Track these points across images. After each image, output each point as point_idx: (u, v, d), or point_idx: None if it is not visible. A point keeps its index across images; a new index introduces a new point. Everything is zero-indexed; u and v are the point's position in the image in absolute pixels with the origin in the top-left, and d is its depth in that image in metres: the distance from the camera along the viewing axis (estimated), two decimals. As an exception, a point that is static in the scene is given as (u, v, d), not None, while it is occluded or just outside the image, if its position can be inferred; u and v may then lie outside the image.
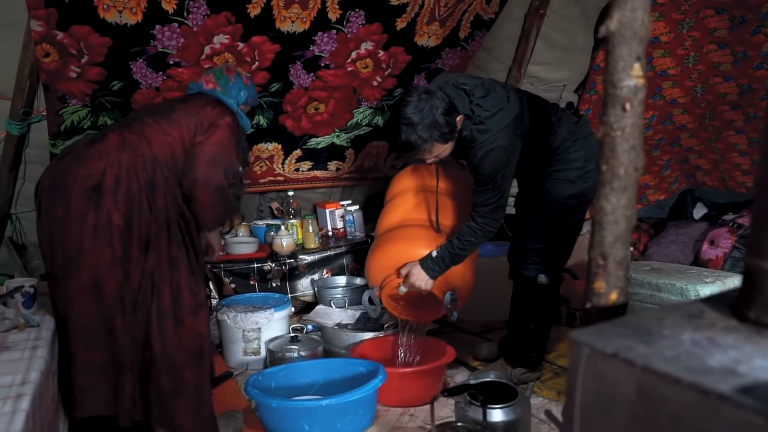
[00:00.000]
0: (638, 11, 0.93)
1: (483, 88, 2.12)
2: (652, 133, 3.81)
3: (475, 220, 2.19)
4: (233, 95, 2.13)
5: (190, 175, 1.89)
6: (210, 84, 2.11)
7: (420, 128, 1.99)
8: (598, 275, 1.00)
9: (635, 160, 0.96)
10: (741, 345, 0.74)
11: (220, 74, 2.14)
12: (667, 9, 3.01)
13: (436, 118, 1.99)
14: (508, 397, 1.78)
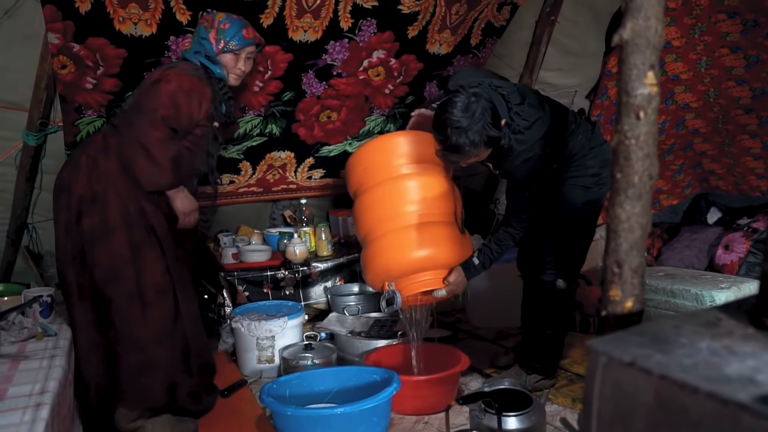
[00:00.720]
0: (652, 20, 0.93)
1: (519, 93, 2.12)
2: (664, 138, 3.80)
3: (513, 225, 2.27)
4: (194, 49, 2.15)
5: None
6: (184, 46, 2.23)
7: (471, 133, 1.97)
8: (614, 283, 1.00)
9: (649, 168, 0.96)
10: (759, 353, 0.74)
11: (197, 30, 2.18)
12: (679, 14, 3.00)
13: (485, 123, 1.98)
14: (523, 404, 1.77)
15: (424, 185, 2.26)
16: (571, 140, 2.20)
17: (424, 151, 2.26)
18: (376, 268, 2.28)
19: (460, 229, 2.34)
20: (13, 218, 2.85)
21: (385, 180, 2.28)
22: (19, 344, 1.70)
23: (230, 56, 2.17)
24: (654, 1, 0.92)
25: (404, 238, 2.23)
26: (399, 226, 2.24)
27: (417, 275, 2.25)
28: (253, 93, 2.76)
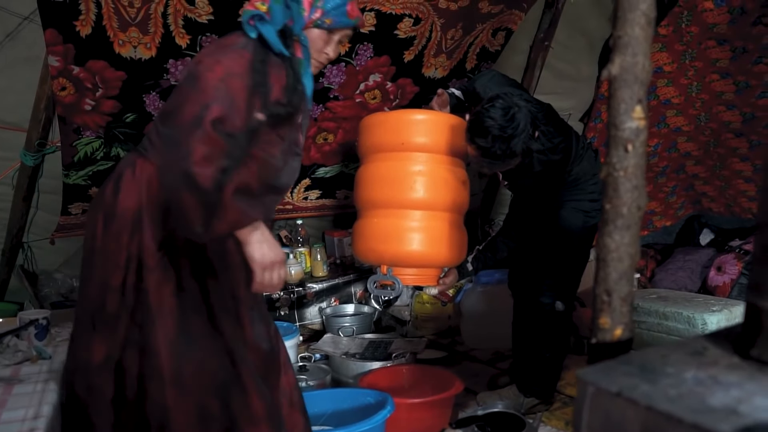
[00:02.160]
0: (639, 56, 0.96)
1: (545, 113, 2.12)
2: (657, 161, 3.84)
3: (511, 237, 2.38)
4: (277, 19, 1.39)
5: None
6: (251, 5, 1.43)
7: (513, 142, 1.94)
8: (603, 311, 1.02)
9: (638, 199, 0.99)
10: (743, 383, 0.76)
11: None
12: (670, 40, 3.05)
13: (528, 134, 1.96)
14: (516, 427, 1.78)
15: (434, 174, 2.16)
16: (577, 165, 2.23)
17: (444, 137, 2.17)
18: (370, 248, 2.22)
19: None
20: (9, 237, 2.86)
21: (396, 158, 2.18)
22: (13, 367, 1.69)
23: (320, 34, 1.50)
24: (641, 39, 0.96)
25: (407, 229, 2.16)
26: (403, 213, 2.16)
27: (413, 270, 2.25)
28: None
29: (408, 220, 2.16)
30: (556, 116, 2.23)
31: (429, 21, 2.68)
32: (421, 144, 2.16)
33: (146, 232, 1.40)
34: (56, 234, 2.83)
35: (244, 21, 1.42)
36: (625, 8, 0.95)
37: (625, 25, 0.95)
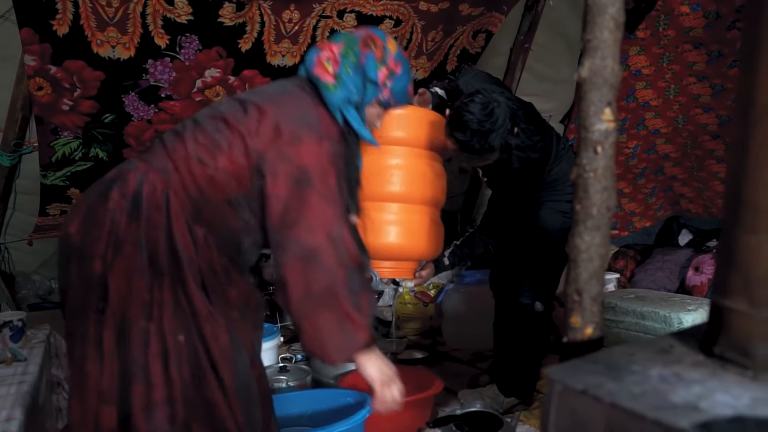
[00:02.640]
0: (608, 59, 0.98)
1: (525, 111, 2.15)
2: (636, 162, 3.89)
3: (489, 233, 2.40)
4: (345, 90, 1.34)
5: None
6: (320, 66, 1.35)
7: (491, 137, 1.95)
8: (574, 311, 1.03)
9: (608, 200, 1.01)
10: (705, 380, 0.78)
11: (351, 46, 1.37)
12: (648, 43, 3.09)
13: (506, 129, 1.98)
14: (494, 427, 1.79)
15: (412, 167, 2.14)
16: (557, 165, 2.26)
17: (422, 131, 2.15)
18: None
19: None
20: (-14, 239, 2.83)
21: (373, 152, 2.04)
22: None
23: (379, 111, 1.46)
24: (610, 42, 0.97)
25: (384, 222, 2.13)
26: (380, 206, 2.13)
27: (389, 263, 2.25)
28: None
29: (385, 212, 2.14)
30: (536, 115, 2.25)
31: (410, 23, 2.70)
32: (399, 138, 2.15)
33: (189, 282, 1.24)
34: (34, 235, 2.80)
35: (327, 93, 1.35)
36: (594, 12, 0.97)
37: (594, 29, 0.97)
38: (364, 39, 1.39)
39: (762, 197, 0.77)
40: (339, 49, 1.37)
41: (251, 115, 1.29)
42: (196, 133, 1.30)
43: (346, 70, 1.35)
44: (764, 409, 0.69)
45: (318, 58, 1.37)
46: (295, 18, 2.51)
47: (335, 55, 1.37)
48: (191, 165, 1.26)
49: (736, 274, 0.81)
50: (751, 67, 0.78)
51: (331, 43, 1.39)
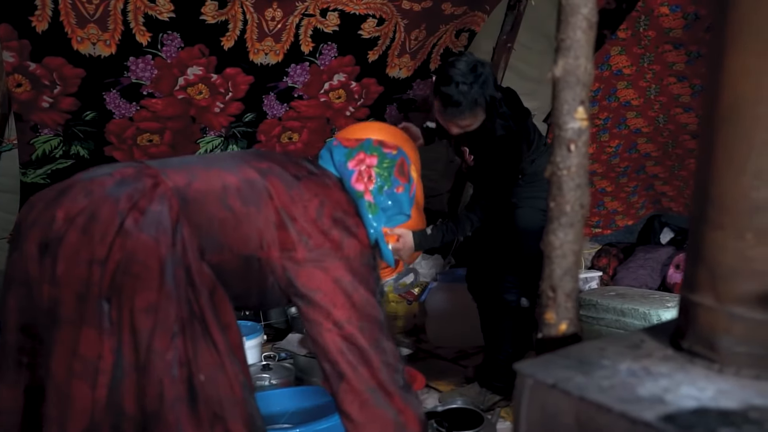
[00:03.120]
0: (581, 59, 0.99)
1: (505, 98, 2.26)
2: (618, 161, 3.92)
3: (476, 212, 2.22)
4: (382, 215, 1.47)
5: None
6: (360, 182, 1.46)
7: (474, 90, 2.03)
8: (549, 307, 1.05)
9: (581, 198, 1.02)
10: (673, 374, 0.79)
11: (387, 169, 1.49)
12: (629, 44, 3.13)
13: (490, 85, 2.07)
14: (474, 423, 1.81)
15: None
16: (539, 158, 2.29)
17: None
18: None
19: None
20: (-36, 237, 2.79)
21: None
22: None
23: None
24: (583, 42, 0.99)
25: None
26: None
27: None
28: (214, 114, 2.77)
29: None
30: (518, 103, 2.31)
31: (393, 21, 2.70)
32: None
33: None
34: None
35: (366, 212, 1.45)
36: (567, 12, 0.98)
37: (567, 29, 0.98)
38: (399, 166, 1.52)
39: (727, 195, 0.79)
40: (374, 165, 1.48)
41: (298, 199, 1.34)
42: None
43: (380, 188, 1.48)
44: (727, 400, 0.71)
45: (358, 172, 1.46)
46: (278, 16, 2.51)
47: (370, 170, 1.47)
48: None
49: (703, 270, 0.83)
50: (716, 68, 0.80)
51: (366, 153, 1.48)
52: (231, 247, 1.29)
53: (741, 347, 0.79)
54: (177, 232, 1.20)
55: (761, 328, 0.77)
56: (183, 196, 1.24)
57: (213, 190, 1.28)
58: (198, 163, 1.37)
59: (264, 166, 1.36)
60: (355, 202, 1.45)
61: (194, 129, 2.80)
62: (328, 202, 1.37)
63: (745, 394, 0.73)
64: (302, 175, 1.39)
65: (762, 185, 0.76)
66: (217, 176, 1.31)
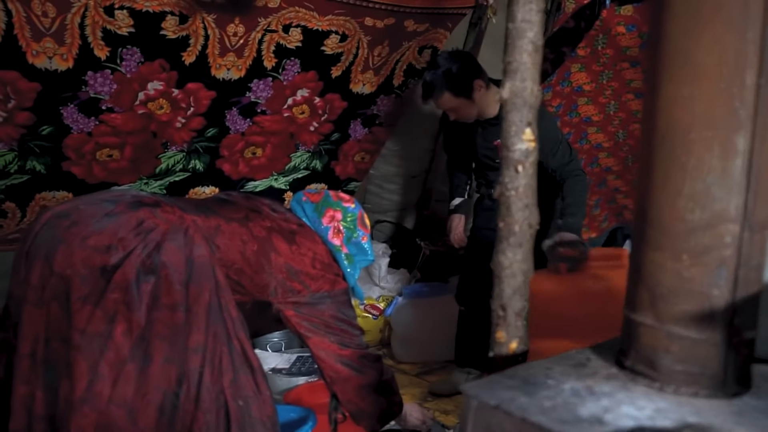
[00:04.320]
0: (528, 81, 1.01)
1: None
2: (580, 176, 3.99)
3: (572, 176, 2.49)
4: (356, 264, 1.75)
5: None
6: (332, 225, 1.71)
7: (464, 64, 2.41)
8: (499, 326, 1.06)
9: (529, 217, 1.04)
10: (615, 393, 0.81)
11: (351, 222, 1.74)
12: (588, 61, 3.20)
13: (451, 67, 2.37)
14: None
15: None
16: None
17: None
18: None
19: None
20: None
21: None
22: None
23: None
24: (529, 65, 1.01)
25: None
26: None
27: None
28: (175, 129, 2.74)
29: None
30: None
31: (356, 38, 2.72)
32: None
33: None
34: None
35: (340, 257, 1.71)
36: (513, 36, 1.00)
37: (514, 52, 1.00)
38: (361, 217, 1.77)
39: (664, 217, 0.81)
40: (340, 217, 1.72)
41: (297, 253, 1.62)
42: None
43: (348, 239, 1.72)
44: (663, 419, 0.72)
45: (332, 229, 1.70)
46: (240, 32, 2.50)
47: (338, 223, 1.71)
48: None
49: (643, 290, 0.85)
50: (651, 95, 0.83)
51: (333, 210, 1.72)
52: (250, 292, 1.53)
53: (679, 365, 0.80)
54: (215, 275, 1.41)
55: (697, 347, 0.79)
56: (211, 241, 1.45)
57: (234, 242, 1.50)
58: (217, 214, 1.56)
59: (267, 224, 1.60)
60: (333, 253, 1.70)
61: (155, 144, 2.76)
62: (317, 254, 1.65)
63: (681, 412, 0.74)
64: (295, 230, 1.65)
65: (696, 207, 0.78)
66: (237, 230, 1.53)
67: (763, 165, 0.76)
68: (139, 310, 1.27)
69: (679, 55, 0.78)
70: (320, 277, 1.63)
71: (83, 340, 1.24)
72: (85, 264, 1.26)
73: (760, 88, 0.74)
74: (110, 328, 1.25)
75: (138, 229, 1.34)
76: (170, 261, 1.34)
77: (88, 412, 1.23)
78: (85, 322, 1.24)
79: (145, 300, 1.28)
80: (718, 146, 0.76)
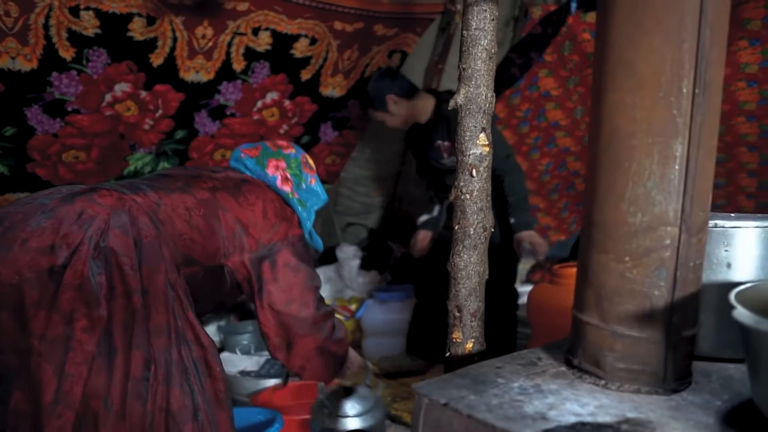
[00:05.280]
0: (482, 87, 1.04)
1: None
2: (549, 179, 4.06)
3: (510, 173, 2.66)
4: (309, 207, 1.70)
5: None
6: (278, 176, 1.65)
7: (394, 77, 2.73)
8: (455, 326, 1.08)
9: (484, 221, 1.06)
10: (561, 391, 0.83)
11: (297, 168, 1.71)
12: (555, 66, 3.25)
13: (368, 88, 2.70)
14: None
15: None
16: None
17: None
18: None
19: None
20: None
21: None
22: None
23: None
24: (483, 71, 1.03)
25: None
26: None
27: None
28: (143, 131, 2.72)
29: None
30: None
31: (325, 42, 2.73)
32: None
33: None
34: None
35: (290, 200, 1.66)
36: (468, 43, 1.03)
37: (468, 59, 1.03)
38: (304, 159, 1.74)
39: (609, 220, 0.84)
40: (283, 164, 1.67)
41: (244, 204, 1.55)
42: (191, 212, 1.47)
43: (298, 185, 1.68)
44: (604, 415, 0.75)
45: (279, 178, 1.65)
46: (209, 34, 2.50)
47: (283, 170, 1.67)
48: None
49: (590, 291, 0.88)
50: (597, 102, 0.86)
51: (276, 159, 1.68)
52: (202, 262, 1.48)
53: (622, 363, 0.83)
54: (163, 253, 1.36)
55: (639, 345, 0.82)
56: (154, 219, 1.38)
57: (179, 212, 1.44)
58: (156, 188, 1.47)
59: (210, 185, 1.53)
60: (286, 200, 1.65)
61: (123, 146, 2.74)
62: (267, 200, 1.59)
63: (622, 408, 0.77)
64: (240, 184, 1.58)
65: (638, 211, 0.81)
66: (179, 199, 1.46)
67: (699, 170, 0.79)
68: (100, 304, 1.24)
69: (623, 64, 0.82)
70: (271, 228, 1.56)
71: (44, 346, 1.21)
72: (31, 268, 1.21)
73: (696, 97, 0.77)
74: (70, 329, 1.21)
75: (79, 222, 1.27)
76: (118, 247, 1.28)
77: (62, 411, 1.21)
78: (43, 327, 1.20)
79: (102, 292, 1.24)
80: (657, 152, 0.79)
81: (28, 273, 1.20)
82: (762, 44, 2.80)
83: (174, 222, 1.42)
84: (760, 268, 0.93)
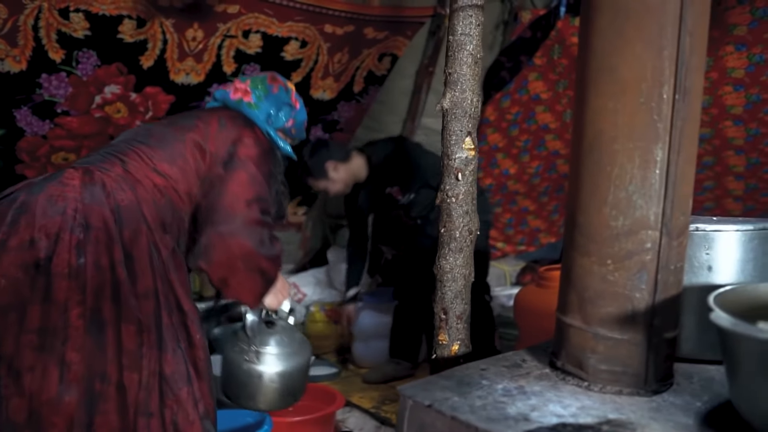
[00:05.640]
0: (467, 92, 1.05)
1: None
2: (539, 182, 4.08)
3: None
4: (264, 110, 1.61)
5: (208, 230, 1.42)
6: (238, 93, 1.60)
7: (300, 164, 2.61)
8: (441, 328, 1.09)
9: (469, 224, 1.07)
10: (544, 392, 0.84)
11: (259, 82, 1.65)
12: (545, 70, 3.28)
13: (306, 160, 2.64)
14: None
15: None
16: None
17: None
18: None
19: None
20: None
21: None
22: None
23: (283, 137, 1.71)
24: (469, 76, 1.05)
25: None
26: None
27: None
28: (133, 132, 2.72)
29: None
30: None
31: (315, 45, 2.74)
32: None
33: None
34: None
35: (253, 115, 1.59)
36: (453, 48, 1.04)
37: (454, 64, 1.04)
38: (270, 76, 1.67)
39: (591, 224, 0.85)
40: (248, 84, 1.62)
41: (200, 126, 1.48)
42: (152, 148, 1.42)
43: (259, 97, 1.61)
44: (586, 416, 0.76)
45: (233, 87, 1.61)
46: (199, 36, 2.50)
47: (245, 87, 1.61)
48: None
49: (573, 293, 0.89)
50: (581, 107, 0.87)
51: (237, 81, 1.64)
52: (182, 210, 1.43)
53: (604, 365, 0.85)
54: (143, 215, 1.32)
55: (620, 347, 0.83)
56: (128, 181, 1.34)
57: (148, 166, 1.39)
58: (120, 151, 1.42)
59: (165, 122, 1.53)
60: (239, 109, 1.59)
61: (112, 148, 2.73)
62: (222, 115, 1.51)
63: (604, 409, 0.78)
64: (195, 114, 1.55)
65: (620, 215, 0.82)
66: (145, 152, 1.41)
67: (680, 175, 0.80)
68: (90, 286, 1.22)
69: (605, 70, 0.83)
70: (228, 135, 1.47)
71: (42, 339, 1.20)
72: (16, 267, 1.19)
73: (676, 103, 0.78)
74: (66, 317, 1.20)
75: (53, 209, 1.23)
76: (96, 221, 1.25)
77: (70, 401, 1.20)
78: (39, 321, 1.20)
79: (90, 273, 1.22)
80: (638, 157, 0.80)
81: (14, 272, 1.19)
82: (748, 49, 2.83)
83: (146, 178, 1.37)
84: (740, 271, 0.94)
